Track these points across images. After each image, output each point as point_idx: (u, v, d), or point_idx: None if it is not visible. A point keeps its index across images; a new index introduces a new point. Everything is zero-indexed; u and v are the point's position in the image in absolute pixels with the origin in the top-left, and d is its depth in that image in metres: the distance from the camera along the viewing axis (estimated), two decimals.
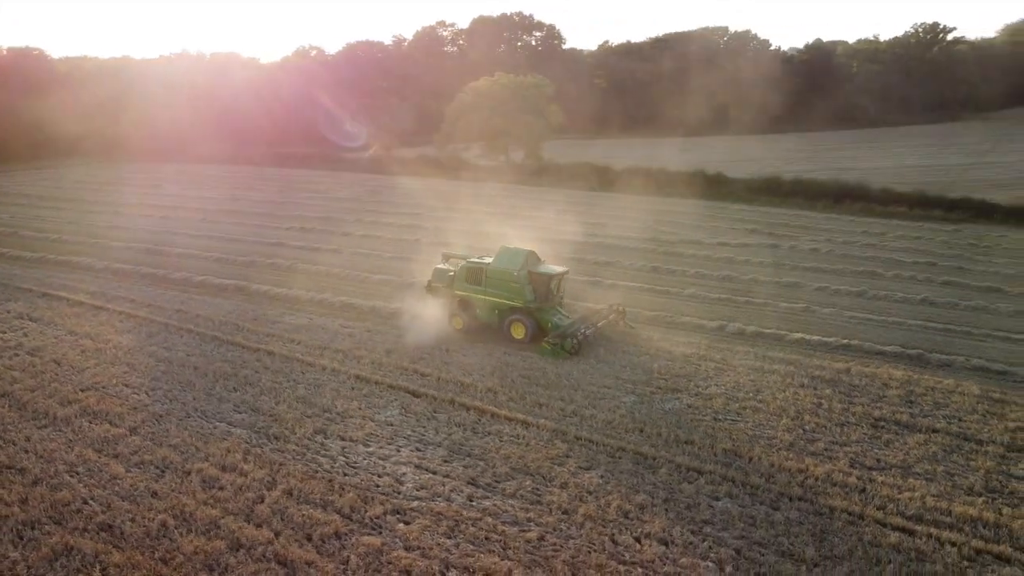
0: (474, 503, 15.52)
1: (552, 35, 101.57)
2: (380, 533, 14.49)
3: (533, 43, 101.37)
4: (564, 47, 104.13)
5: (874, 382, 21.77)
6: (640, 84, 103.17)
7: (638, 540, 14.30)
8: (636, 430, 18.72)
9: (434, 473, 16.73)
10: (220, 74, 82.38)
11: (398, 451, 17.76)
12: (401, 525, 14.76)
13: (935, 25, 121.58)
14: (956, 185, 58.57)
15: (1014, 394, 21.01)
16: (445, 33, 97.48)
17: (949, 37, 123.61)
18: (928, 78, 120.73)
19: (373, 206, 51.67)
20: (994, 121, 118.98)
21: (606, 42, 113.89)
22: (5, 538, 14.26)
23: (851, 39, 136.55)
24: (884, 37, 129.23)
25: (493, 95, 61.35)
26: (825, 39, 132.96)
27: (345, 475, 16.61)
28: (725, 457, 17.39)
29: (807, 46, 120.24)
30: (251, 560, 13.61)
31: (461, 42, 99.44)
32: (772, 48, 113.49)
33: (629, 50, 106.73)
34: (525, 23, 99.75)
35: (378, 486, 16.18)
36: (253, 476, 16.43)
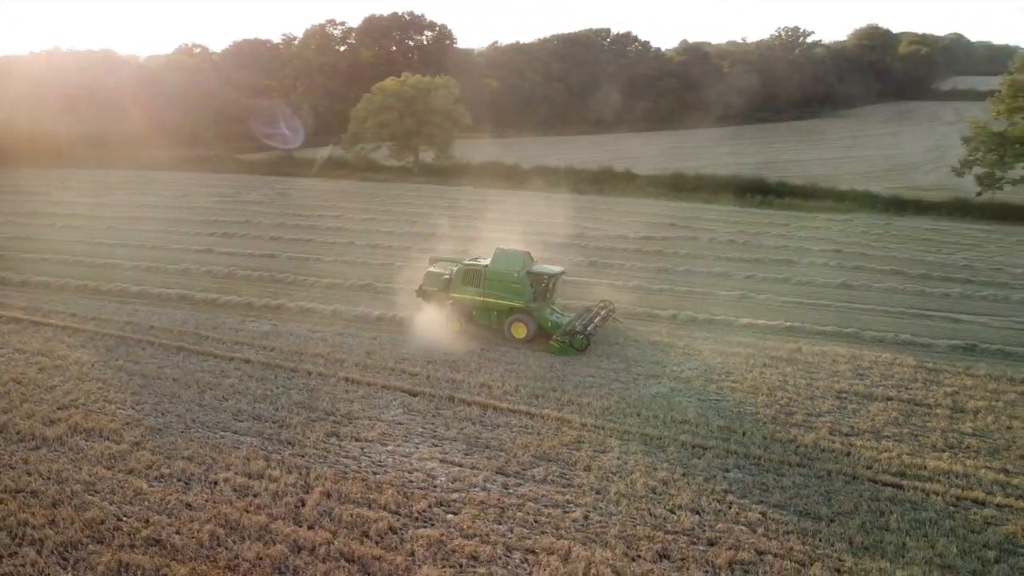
0: (510, 491, 16.34)
1: (444, 35, 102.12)
2: (433, 525, 15.07)
3: (425, 42, 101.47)
4: (456, 47, 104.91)
5: (825, 359, 24.11)
6: (531, 84, 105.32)
7: (672, 511, 15.58)
8: (633, 414, 20.04)
9: (460, 466, 17.39)
10: (99, 72, 77.83)
11: (417, 448, 18.28)
12: (450, 516, 15.39)
13: (796, 29, 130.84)
14: (833, 178, 63.90)
15: (943, 363, 23.84)
16: (336, 32, 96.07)
17: (809, 40, 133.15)
18: (791, 78, 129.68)
19: (290, 209, 50.76)
20: (850, 118, 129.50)
21: (495, 42, 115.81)
22: (51, 560, 13.86)
23: (718, 41, 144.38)
24: (751, 39, 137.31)
25: (402, 95, 61.37)
26: (691, 40, 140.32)
27: (375, 474, 17.00)
28: (721, 433, 18.98)
29: (684, 47, 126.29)
30: (318, 560, 13.90)
31: (351, 40, 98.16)
32: (653, 49, 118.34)
33: (519, 50, 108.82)
34: (416, 22, 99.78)
35: (412, 482, 16.69)
36: (284, 482, 16.55)
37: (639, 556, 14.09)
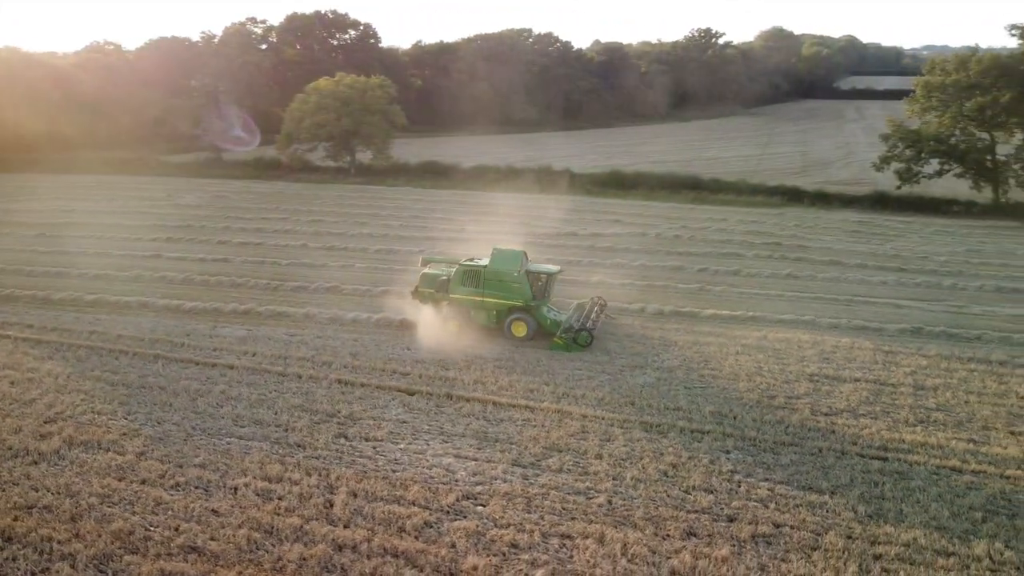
0: (530, 481, 16.93)
1: (368, 33, 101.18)
2: (466, 517, 15.52)
3: (349, 41, 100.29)
4: (381, 46, 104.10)
5: (791, 345, 25.64)
6: (456, 83, 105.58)
7: (687, 492, 16.50)
8: (627, 403, 20.93)
9: (476, 460, 17.87)
10: (5, 70, 73.88)
11: (428, 445, 18.64)
12: (480, 508, 15.87)
13: (708, 30, 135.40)
14: (755, 174, 66.82)
15: (896, 345, 25.72)
16: (257, 30, 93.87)
17: (720, 41, 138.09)
18: (705, 77, 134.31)
19: (231, 212, 49.57)
20: (761, 116, 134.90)
21: (419, 41, 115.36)
22: (87, 574, 13.64)
23: (634, 41, 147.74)
24: (666, 40, 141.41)
25: (337, 95, 60.73)
26: (603, 40, 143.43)
27: (394, 472, 17.29)
28: (714, 418, 20.07)
29: (604, 47, 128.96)
30: (362, 557, 14.15)
31: (273, 38, 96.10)
32: (574, 48, 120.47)
33: (443, 49, 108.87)
34: (339, 21, 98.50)
35: (433, 477, 17.06)
36: (307, 484, 16.66)
37: (668, 535, 14.93)
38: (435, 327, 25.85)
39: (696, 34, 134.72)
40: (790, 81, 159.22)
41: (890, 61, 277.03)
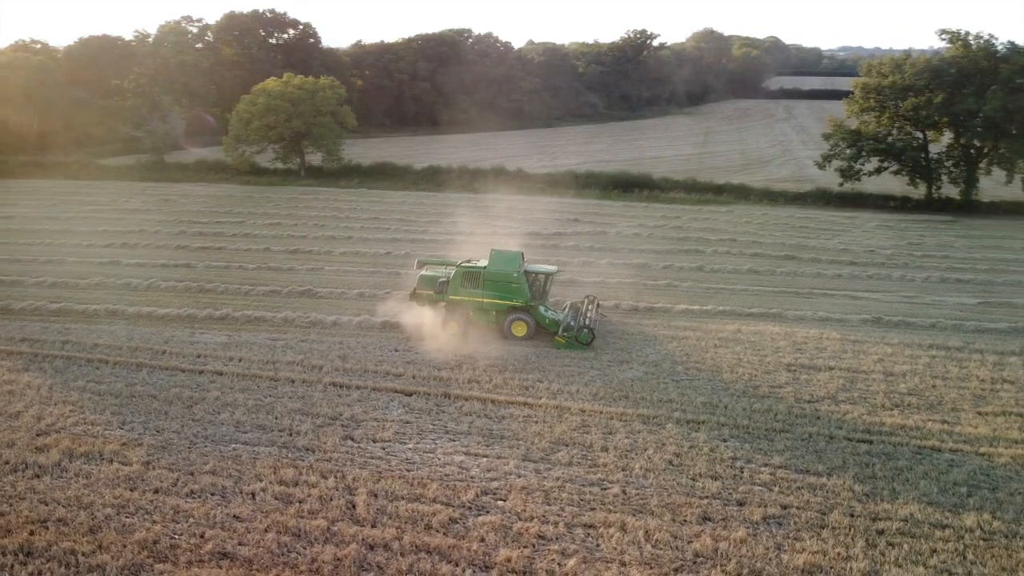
0: (544, 475, 17.43)
1: (308, 33, 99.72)
2: (489, 512, 15.91)
3: (288, 40, 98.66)
4: (321, 46, 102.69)
5: (764, 337, 26.78)
6: (399, 83, 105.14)
7: (694, 480, 17.26)
8: (621, 397, 21.63)
9: (487, 457, 18.27)
10: None
11: (436, 443, 18.95)
12: (500, 502, 16.29)
13: (643, 31, 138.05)
14: (698, 172, 68.70)
15: (860, 335, 27.15)
16: (193, 29, 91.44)
17: (655, 43, 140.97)
18: (642, 78, 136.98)
19: (183, 216, 48.42)
20: (696, 115, 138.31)
21: (359, 41, 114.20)
22: None
23: (561, 41, 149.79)
24: (602, 40, 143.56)
25: (286, 96, 59.90)
26: (537, 40, 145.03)
27: (409, 471, 17.55)
28: (707, 409, 20.93)
29: (544, 48, 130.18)
30: (396, 555, 14.42)
31: (209, 37, 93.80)
32: (514, 49, 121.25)
33: (385, 49, 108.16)
34: (278, 20, 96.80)
35: (448, 475, 17.40)
36: (325, 486, 16.79)
37: (686, 520, 15.64)
38: (434, 328, 26.05)
39: (632, 35, 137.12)
40: (721, 81, 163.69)
41: (811, 62, 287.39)
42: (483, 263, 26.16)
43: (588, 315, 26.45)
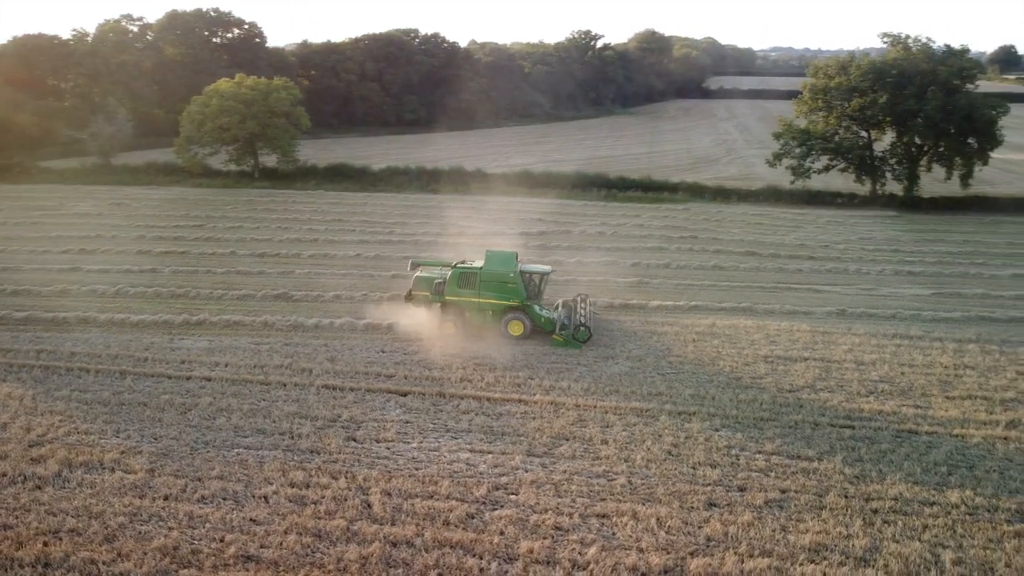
0: (550, 469, 17.91)
1: (253, 32, 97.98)
2: (504, 506, 16.32)
3: (233, 40, 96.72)
4: (267, 46, 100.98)
5: (739, 331, 27.77)
6: (346, 83, 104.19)
7: (695, 468, 17.97)
8: (613, 392, 22.26)
9: (491, 453, 18.66)
10: None
11: (439, 442, 19.26)
12: (513, 496, 16.71)
13: (588, 32, 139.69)
14: (649, 171, 70.07)
15: (827, 326, 28.37)
16: (134, 28, 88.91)
17: (599, 43, 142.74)
18: (586, 78, 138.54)
19: (139, 220, 47.31)
20: (641, 115, 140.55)
21: (305, 41, 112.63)
22: None
23: (503, 41, 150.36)
24: (548, 41, 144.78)
25: (240, 97, 58.94)
26: (479, 40, 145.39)
27: (418, 469, 17.83)
28: (695, 400, 21.70)
29: (491, 48, 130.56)
30: (421, 551, 14.71)
31: (149, 36, 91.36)
32: (462, 50, 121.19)
33: (332, 49, 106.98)
34: (223, 19, 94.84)
35: (457, 472, 17.73)
36: (337, 487, 16.95)
37: (693, 507, 16.32)
38: (431, 328, 26.28)
39: (577, 36, 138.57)
40: (664, 81, 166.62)
41: (746, 62, 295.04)
42: (479, 264, 26.52)
43: (583, 313, 27.02)
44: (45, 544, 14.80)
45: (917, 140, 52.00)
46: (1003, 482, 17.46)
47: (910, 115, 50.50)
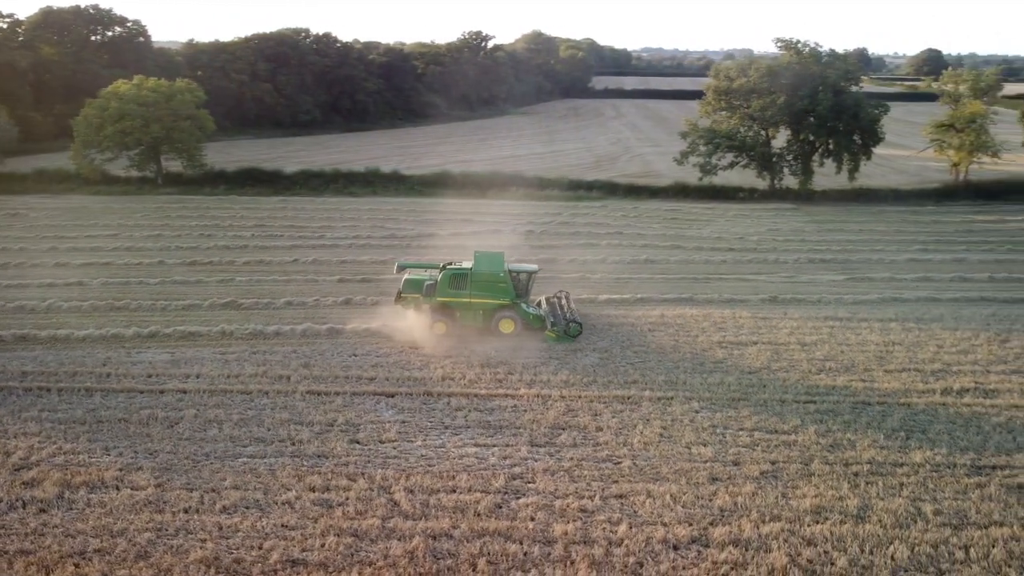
0: (557, 457, 18.82)
1: (137, 31, 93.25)
2: (526, 495, 17.10)
3: (115, 38, 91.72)
4: (152, 45, 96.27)
5: (688, 320, 29.54)
6: (237, 84, 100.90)
7: (688, 448, 19.33)
8: (592, 382, 23.40)
9: (496, 446, 19.39)
10: None
11: (441, 439, 19.82)
12: (531, 485, 17.52)
13: (479, 32, 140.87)
14: (555, 170, 72.01)
15: (765, 312, 30.58)
16: (2, 25, 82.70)
17: (490, 44, 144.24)
18: (479, 78, 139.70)
19: (46, 232, 44.54)
20: (532, 115, 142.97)
21: (191, 40, 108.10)
22: None
23: (387, 41, 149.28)
24: (440, 41, 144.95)
25: (141, 100, 56.34)
26: (363, 39, 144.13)
27: (431, 466, 18.34)
28: (669, 386, 23.13)
29: (386, 49, 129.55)
30: (462, 541, 15.31)
31: (20, 35, 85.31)
32: (356, 50, 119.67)
33: (221, 48, 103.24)
34: (103, 16, 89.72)
35: (470, 466, 18.36)
36: (358, 487, 17.25)
37: (698, 483, 17.64)
38: (418, 330, 26.56)
39: (468, 36, 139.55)
40: (552, 81, 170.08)
41: (623, 63, 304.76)
42: (467, 264, 27.05)
43: (567, 309, 28.02)
44: (76, 566, 14.44)
45: (811, 137, 56.03)
46: (953, 441, 19.73)
47: (804, 114, 54.40)
